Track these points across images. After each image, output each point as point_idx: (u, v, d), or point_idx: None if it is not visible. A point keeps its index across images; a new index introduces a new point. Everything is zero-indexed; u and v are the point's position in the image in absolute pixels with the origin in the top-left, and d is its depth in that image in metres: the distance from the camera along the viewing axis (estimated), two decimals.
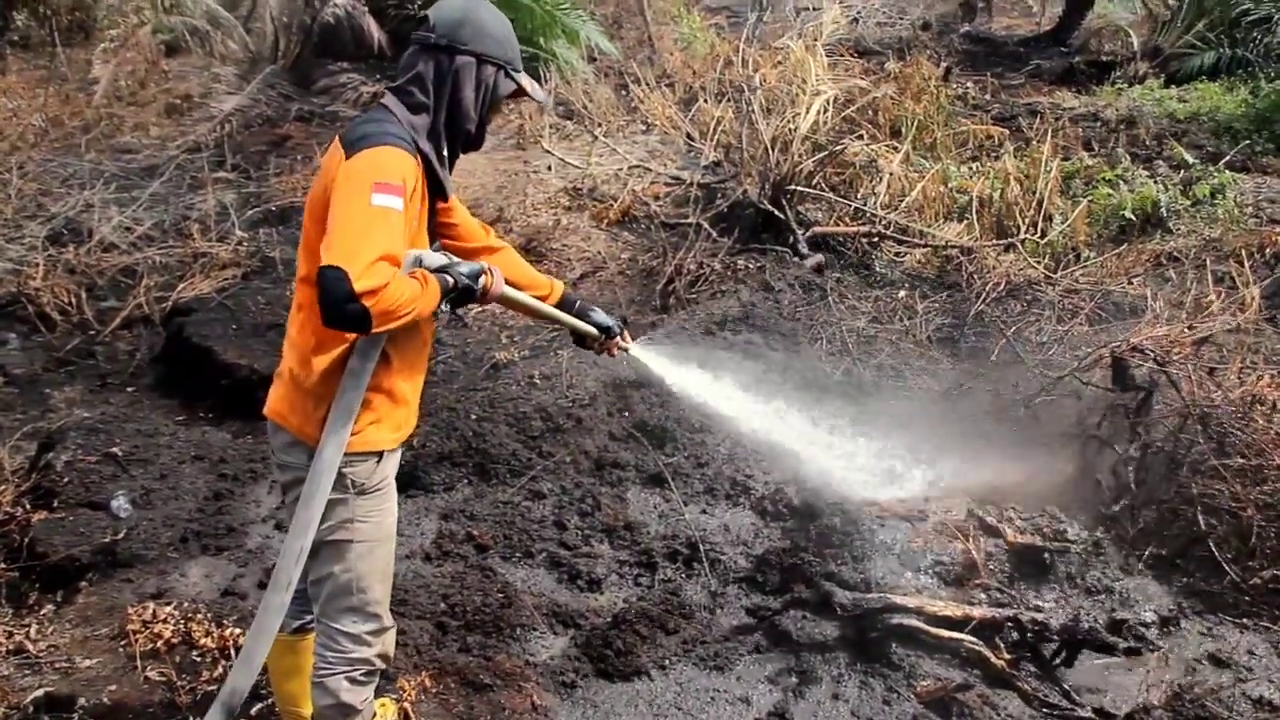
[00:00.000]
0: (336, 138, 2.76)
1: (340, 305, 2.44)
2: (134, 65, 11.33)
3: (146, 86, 11.18)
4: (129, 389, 6.19)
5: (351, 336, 2.73)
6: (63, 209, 7.83)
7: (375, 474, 2.89)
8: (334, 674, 2.92)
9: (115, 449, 5.07)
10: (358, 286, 2.42)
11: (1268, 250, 7.79)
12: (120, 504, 4.77)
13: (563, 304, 3.46)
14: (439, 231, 3.10)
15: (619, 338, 3.61)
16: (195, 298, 6.87)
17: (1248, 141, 10.42)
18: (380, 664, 3.02)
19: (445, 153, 2.89)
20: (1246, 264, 6.69)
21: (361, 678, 2.96)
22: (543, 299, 3.36)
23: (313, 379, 2.77)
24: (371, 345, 2.72)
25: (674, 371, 4.37)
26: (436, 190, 2.91)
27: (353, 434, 2.76)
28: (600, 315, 3.54)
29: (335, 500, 2.78)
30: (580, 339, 3.61)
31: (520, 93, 2.98)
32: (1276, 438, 4.92)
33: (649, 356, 4.12)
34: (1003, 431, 5.58)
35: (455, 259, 2.83)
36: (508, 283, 3.04)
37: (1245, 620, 4.38)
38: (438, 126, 2.83)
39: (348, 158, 2.62)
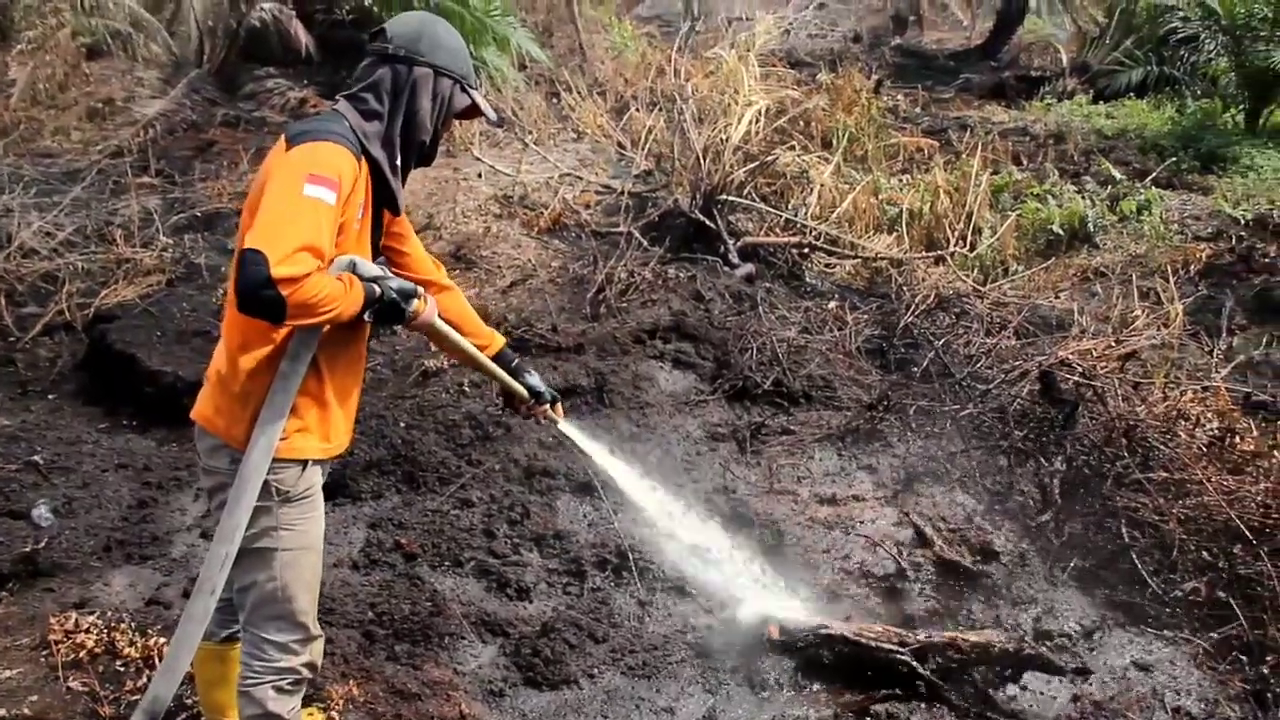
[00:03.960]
0: (282, 136, 2.75)
1: (255, 290, 2.41)
2: (53, 68, 11.13)
3: (67, 90, 11.01)
4: (50, 396, 6.08)
5: (278, 337, 2.71)
6: None
7: (300, 482, 2.85)
8: (260, 683, 2.89)
9: (36, 457, 5.00)
10: (275, 273, 2.39)
11: (1192, 266, 7.99)
12: (42, 512, 4.71)
13: (499, 358, 3.44)
14: (386, 253, 3.08)
15: (548, 407, 3.61)
16: (119, 304, 6.76)
17: (1174, 158, 10.69)
18: (307, 673, 2.99)
19: (398, 162, 2.88)
20: (1171, 279, 6.83)
21: (288, 687, 2.93)
22: (480, 349, 3.35)
23: (239, 379, 2.75)
24: (303, 348, 2.70)
25: (601, 454, 4.34)
26: (385, 201, 2.90)
27: (280, 439, 2.73)
28: (534, 379, 3.55)
29: (259, 508, 2.74)
30: (509, 398, 3.59)
31: (472, 110, 3.01)
32: (1199, 452, 5.02)
33: (576, 434, 4.06)
34: (931, 445, 5.66)
35: (391, 275, 2.82)
36: (445, 320, 3.05)
37: (1166, 632, 4.42)
38: (392, 135, 2.84)
39: (288, 150, 2.62)
